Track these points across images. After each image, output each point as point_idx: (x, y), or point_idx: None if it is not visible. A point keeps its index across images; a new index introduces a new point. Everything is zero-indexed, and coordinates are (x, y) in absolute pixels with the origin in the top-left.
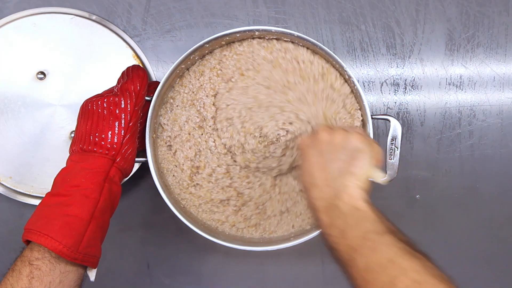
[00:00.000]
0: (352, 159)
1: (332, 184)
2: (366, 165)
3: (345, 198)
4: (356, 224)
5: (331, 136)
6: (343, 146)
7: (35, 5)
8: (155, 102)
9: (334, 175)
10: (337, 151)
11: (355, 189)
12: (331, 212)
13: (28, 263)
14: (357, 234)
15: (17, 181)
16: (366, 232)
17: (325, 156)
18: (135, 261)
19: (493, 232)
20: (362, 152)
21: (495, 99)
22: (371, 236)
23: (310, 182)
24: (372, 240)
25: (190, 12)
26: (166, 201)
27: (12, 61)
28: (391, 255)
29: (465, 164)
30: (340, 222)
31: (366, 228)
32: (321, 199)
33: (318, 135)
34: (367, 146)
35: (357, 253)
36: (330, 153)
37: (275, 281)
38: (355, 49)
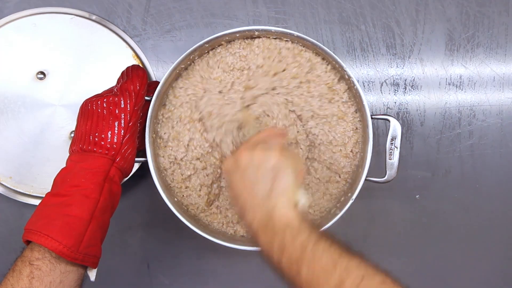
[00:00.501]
0: (275, 179)
1: (262, 205)
2: (290, 183)
3: (277, 217)
4: (292, 239)
5: (251, 157)
6: (263, 167)
7: (35, 5)
8: (155, 102)
9: (263, 196)
10: (259, 172)
11: (284, 208)
12: (267, 231)
13: (28, 263)
14: (296, 247)
15: (17, 181)
16: (303, 243)
17: (250, 179)
18: (135, 261)
19: (493, 232)
20: (283, 170)
21: (495, 99)
22: (308, 246)
23: (242, 207)
24: (310, 249)
25: (190, 12)
26: (166, 201)
27: (12, 61)
28: (331, 259)
29: (465, 164)
30: (278, 240)
31: (302, 240)
32: (255, 221)
33: (238, 157)
34: (287, 163)
35: (300, 265)
36: (253, 175)
37: (275, 281)
38: (355, 49)
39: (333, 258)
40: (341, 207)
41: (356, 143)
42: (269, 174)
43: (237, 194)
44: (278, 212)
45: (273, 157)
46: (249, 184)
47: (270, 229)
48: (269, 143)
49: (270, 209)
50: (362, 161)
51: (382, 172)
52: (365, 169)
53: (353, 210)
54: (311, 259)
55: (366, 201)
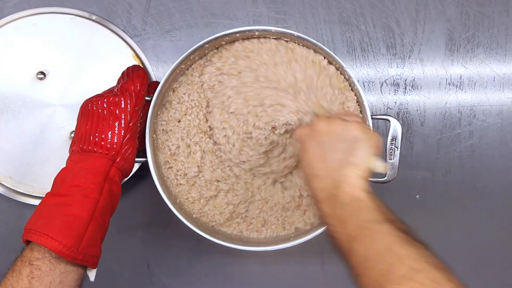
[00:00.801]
0: (352, 149)
1: (333, 174)
2: (366, 154)
3: (345, 188)
4: (355, 213)
5: (329, 126)
6: (341, 136)
7: (35, 5)
8: (155, 102)
9: (334, 165)
10: (336, 141)
11: (355, 179)
12: (331, 202)
13: (28, 263)
14: (356, 223)
15: (17, 181)
16: (365, 221)
17: (325, 147)
18: (135, 261)
19: (493, 232)
20: (361, 141)
21: (495, 99)
22: (369, 225)
23: (311, 173)
24: (370, 229)
25: (190, 12)
26: (166, 201)
27: (12, 61)
28: (389, 243)
29: (465, 164)
30: (340, 212)
31: (365, 218)
32: (322, 190)
33: (316, 125)
34: (365, 135)
35: (356, 242)
36: (329, 144)
37: (275, 281)
38: (355, 49)
39: (391, 243)
40: None
41: None
42: (347, 144)
43: (308, 160)
44: (347, 183)
45: (352, 128)
46: (324, 151)
47: (335, 199)
48: (349, 117)
49: (340, 178)
50: None
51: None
52: None
53: None
54: (370, 239)
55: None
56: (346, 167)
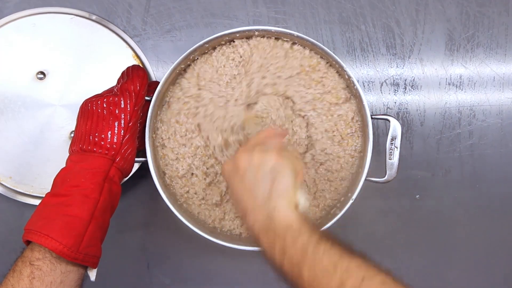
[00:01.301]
0: (273, 180)
1: (263, 207)
2: (288, 183)
3: (277, 220)
4: (293, 240)
5: (249, 160)
6: (262, 169)
7: (35, 5)
8: (155, 102)
9: (263, 198)
10: (258, 174)
11: (284, 209)
12: (268, 234)
13: (29, 264)
14: (297, 249)
15: (17, 181)
16: (304, 245)
17: (249, 182)
18: (135, 261)
19: (493, 232)
20: (280, 172)
21: (495, 99)
22: (309, 248)
23: (243, 209)
24: (311, 251)
25: (190, 12)
26: (166, 201)
27: (12, 61)
28: (332, 260)
29: (465, 164)
30: (279, 242)
31: (303, 242)
32: (257, 224)
33: (237, 161)
34: (285, 164)
35: (301, 267)
36: (253, 178)
37: (275, 281)
38: (355, 49)
39: (334, 260)
40: (341, 207)
41: (356, 143)
42: (268, 176)
43: (237, 197)
44: (278, 214)
45: (271, 158)
46: (249, 187)
47: (271, 232)
48: (267, 144)
49: (270, 211)
50: (362, 161)
51: (382, 172)
52: (365, 169)
53: (353, 210)
54: (312, 261)
55: (366, 201)
56: (273, 199)
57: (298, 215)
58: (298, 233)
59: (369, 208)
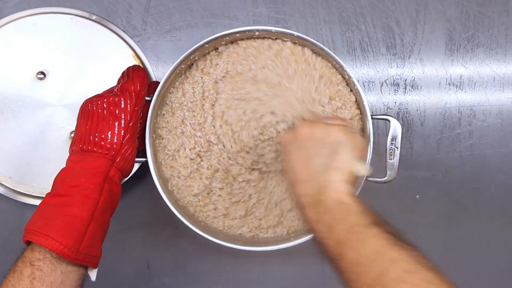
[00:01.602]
0: (334, 153)
1: (317, 179)
2: (348, 158)
3: (330, 193)
4: (342, 218)
5: (311, 130)
6: (324, 141)
7: (35, 5)
8: (155, 102)
9: (317, 170)
10: (318, 145)
11: (339, 184)
12: (317, 208)
13: (29, 264)
14: (344, 228)
15: (17, 181)
16: (353, 225)
17: (307, 152)
18: (135, 261)
19: (493, 232)
20: (343, 145)
21: (495, 99)
22: (357, 229)
23: (295, 179)
24: (359, 233)
25: (190, 12)
26: (166, 201)
27: (12, 61)
28: (379, 246)
29: (465, 164)
30: (327, 218)
31: (352, 222)
32: (306, 196)
33: (298, 130)
34: (347, 139)
35: (345, 247)
36: (312, 148)
37: (275, 281)
38: (355, 49)
39: (381, 246)
40: None
41: None
42: (329, 148)
43: (291, 166)
44: (331, 187)
45: (335, 132)
46: (306, 157)
47: (321, 205)
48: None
49: (323, 183)
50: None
51: (382, 172)
52: None
53: None
54: (358, 243)
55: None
56: (329, 172)
57: (352, 193)
58: (348, 211)
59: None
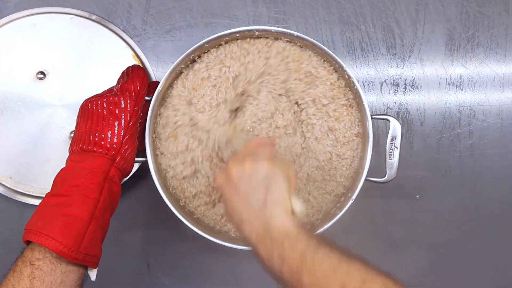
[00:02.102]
0: (268, 188)
1: (259, 216)
2: (282, 189)
3: (274, 227)
4: (291, 247)
5: (240, 170)
6: (255, 178)
7: (35, 5)
8: (155, 102)
9: (258, 207)
10: (251, 184)
11: (281, 217)
12: (266, 243)
13: (29, 264)
14: (295, 256)
15: (17, 181)
16: (302, 251)
17: (243, 192)
18: (135, 261)
19: (493, 232)
20: (274, 179)
21: (495, 99)
22: (308, 253)
23: (239, 220)
24: (310, 257)
25: (190, 12)
26: (165, 201)
27: (12, 61)
28: (332, 264)
29: (465, 164)
30: (277, 250)
31: (301, 248)
32: (254, 233)
33: (229, 172)
34: (277, 171)
35: (301, 273)
36: (246, 187)
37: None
38: (355, 49)
39: (334, 264)
40: (341, 207)
41: (356, 143)
42: (262, 184)
43: (232, 208)
44: (275, 222)
45: (263, 167)
46: (243, 196)
47: (269, 240)
48: (258, 154)
49: (267, 219)
50: (362, 161)
51: (382, 172)
52: (365, 169)
53: (353, 210)
54: (312, 266)
55: (366, 201)
56: (269, 207)
57: (295, 222)
58: (296, 239)
59: (369, 208)
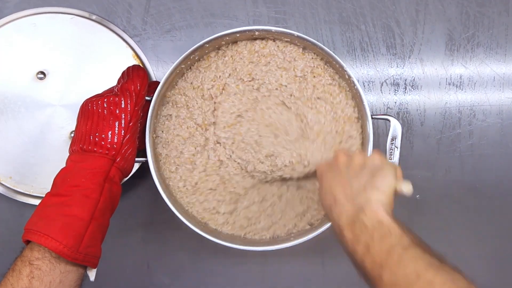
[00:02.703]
0: (374, 175)
1: (355, 199)
2: (389, 180)
3: (369, 212)
4: (380, 238)
5: (350, 158)
6: (363, 166)
7: (35, 5)
8: (155, 102)
9: (357, 190)
10: (358, 170)
11: (378, 204)
12: (355, 227)
13: (28, 263)
14: (382, 248)
15: (17, 181)
16: (391, 246)
17: (346, 175)
18: (135, 261)
19: (493, 232)
20: (383, 169)
21: (495, 99)
22: (396, 250)
23: (332, 200)
24: (397, 254)
25: (190, 12)
26: (166, 200)
27: (12, 61)
28: (417, 268)
29: (465, 164)
30: (365, 237)
31: (391, 243)
32: (344, 215)
33: (337, 158)
34: (388, 164)
35: (383, 268)
36: (351, 172)
37: (275, 281)
38: (355, 49)
39: (419, 268)
40: None
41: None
42: (369, 171)
43: (328, 188)
44: (370, 207)
45: (375, 158)
46: (345, 181)
47: (359, 225)
48: None
49: (363, 202)
50: None
51: None
52: None
53: None
54: (396, 264)
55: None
56: (369, 191)
57: (391, 214)
58: (387, 232)
59: None
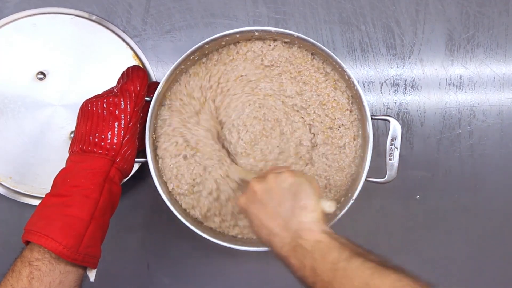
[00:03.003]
0: (296, 195)
1: (288, 226)
2: (311, 194)
3: (305, 235)
4: (322, 258)
5: (264, 183)
6: (280, 188)
7: (35, 5)
8: (155, 102)
9: (286, 217)
10: (277, 193)
11: (311, 223)
12: (297, 254)
13: (28, 264)
14: (327, 267)
15: (17, 181)
16: (334, 263)
17: (269, 204)
18: (135, 261)
19: (493, 232)
20: (301, 185)
21: (495, 100)
22: (340, 265)
23: (268, 235)
24: (342, 269)
25: (190, 12)
26: (165, 201)
27: (12, 61)
28: (364, 278)
29: (465, 164)
30: (309, 261)
31: (333, 259)
32: (284, 245)
33: (251, 188)
34: (301, 179)
35: (333, 286)
36: (272, 199)
37: (275, 281)
38: (355, 50)
39: (366, 277)
40: (342, 207)
41: (356, 144)
42: (288, 192)
43: (259, 223)
44: (306, 229)
45: (287, 176)
46: (271, 209)
47: (300, 250)
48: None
49: (296, 228)
50: (362, 162)
51: (382, 173)
52: (365, 170)
53: (353, 211)
54: (343, 279)
55: (366, 202)
56: (298, 213)
57: (326, 230)
58: (327, 250)
59: (369, 208)
